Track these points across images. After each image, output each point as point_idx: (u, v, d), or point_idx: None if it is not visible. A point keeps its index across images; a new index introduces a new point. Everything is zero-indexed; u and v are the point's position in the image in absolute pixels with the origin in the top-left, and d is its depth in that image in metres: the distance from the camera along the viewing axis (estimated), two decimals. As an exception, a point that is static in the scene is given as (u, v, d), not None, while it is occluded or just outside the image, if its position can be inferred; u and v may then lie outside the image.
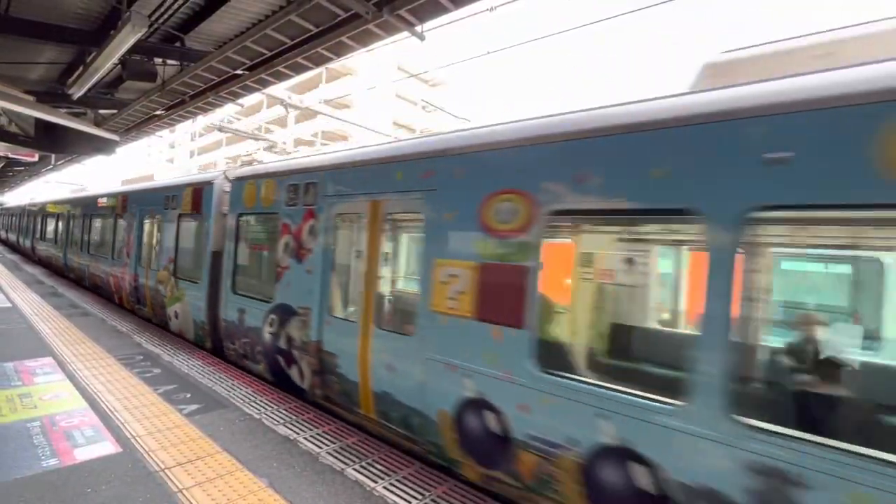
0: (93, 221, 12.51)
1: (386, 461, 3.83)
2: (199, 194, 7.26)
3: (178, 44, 7.20)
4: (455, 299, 3.56)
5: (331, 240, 4.80)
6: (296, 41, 6.62)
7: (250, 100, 11.03)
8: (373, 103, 36.68)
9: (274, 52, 7.06)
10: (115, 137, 11.93)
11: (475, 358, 3.42)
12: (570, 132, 3.16)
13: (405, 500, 3.28)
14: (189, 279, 7.31)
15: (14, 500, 2.93)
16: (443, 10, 5.38)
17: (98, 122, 11.62)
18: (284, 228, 5.28)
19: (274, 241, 5.48)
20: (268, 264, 5.81)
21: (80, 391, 4.89)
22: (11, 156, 15.91)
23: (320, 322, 4.76)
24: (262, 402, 4.98)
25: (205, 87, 8.70)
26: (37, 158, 17.57)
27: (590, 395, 2.85)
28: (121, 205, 10.45)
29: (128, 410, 4.48)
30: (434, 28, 5.90)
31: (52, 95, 9.60)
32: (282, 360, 5.28)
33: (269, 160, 7.87)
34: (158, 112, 10.69)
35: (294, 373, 5.15)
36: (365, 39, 6.24)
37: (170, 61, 7.76)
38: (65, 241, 14.84)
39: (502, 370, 3.25)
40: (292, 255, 5.13)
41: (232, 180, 6.55)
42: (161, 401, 4.80)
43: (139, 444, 3.81)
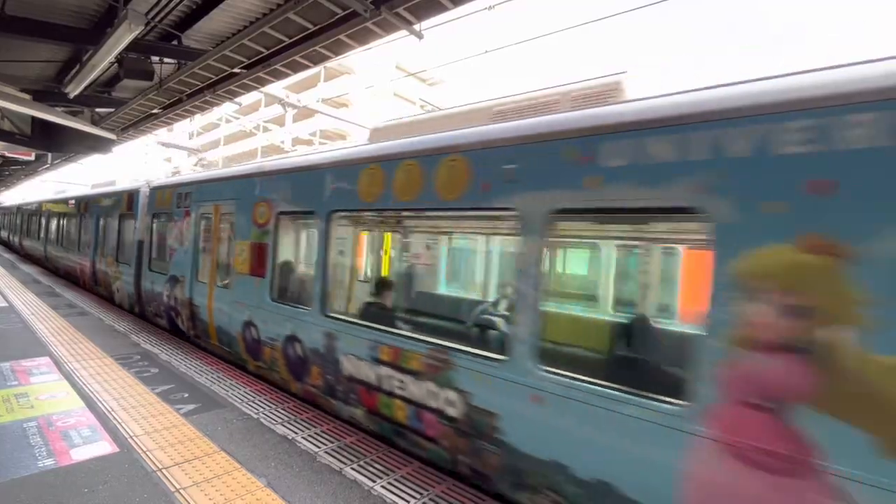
0: (62, 220, 15.10)
1: (384, 460, 3.82)
2: (132, 198, 9.46)
3: (175, 42, 7.15)
4: (244, 263, 5.78)
5: (197, 230, 7.03)
6: (294, 39, 6.60)
7: (248, 98, 11.01)
8: (371, 102, 36.61)
9: (272, 51, 7.04)
10: (111, 136, 11.87)
11: (249, 296, 5.63)
12: (267, 171, 5.68)
13: (403, 499, 3.28)
14: (125, 262, 9.59)
15: (11, 501, 2.91)
16: (441, 8, 5.36)
17: (95, 121, 11.57)
18: (174, 223, 7.66)
19: (170, 232, 7.84)
20: (166, 248, 8.06)
21: (78, 391, 4.87)
22: (8, 154, 15.85)
23: (192, 285, 7.00)
24: (260, 401, 4.97)
25: (202, 85, 8.67)
26: (33, 157, 17.50)
27: (285, 310, 5.16)
28: (83, 206, 12.80)
29: (125, 410, 4.47)
30: (432, 27, 5.90)
31: (49, 94, 9.55)
32: (173, 314, 7.64)
33: (185, 172, 10.08)
34: (156, 111, 10.64)
35: (179, 322, 7.46)
36: (363, 38, 6.23)
37: (167, 59, 7.73)
38: (45, 237, 17.50)
39: (257, 302, 5.47)
40: (177, 240, 7.49)
41: (150, 189, 8.81)
42: (158, 400, 4.79)
43: (136, 443, 3.80)
